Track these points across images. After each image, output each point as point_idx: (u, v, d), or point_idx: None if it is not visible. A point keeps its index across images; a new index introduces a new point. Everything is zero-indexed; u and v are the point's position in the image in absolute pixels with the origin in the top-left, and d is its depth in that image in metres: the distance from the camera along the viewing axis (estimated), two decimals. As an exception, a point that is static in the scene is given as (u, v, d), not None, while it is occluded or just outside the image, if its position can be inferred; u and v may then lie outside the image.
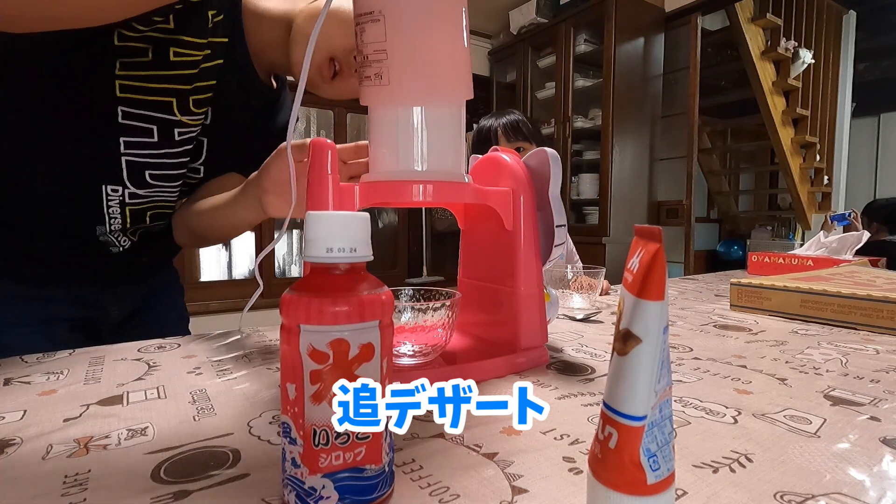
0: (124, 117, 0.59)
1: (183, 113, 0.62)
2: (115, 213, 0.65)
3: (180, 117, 0.62)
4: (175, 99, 0.61)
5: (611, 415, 0.21)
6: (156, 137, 0.62)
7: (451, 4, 0.40)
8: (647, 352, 0.20)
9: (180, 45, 0.58)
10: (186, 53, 0.59)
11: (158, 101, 0.60)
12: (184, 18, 0.57)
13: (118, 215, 0.66)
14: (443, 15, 0.40)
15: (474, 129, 1.30)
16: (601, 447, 0.22)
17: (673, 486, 0.22)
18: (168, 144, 0.63)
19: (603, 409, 0.22)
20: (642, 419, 0.20)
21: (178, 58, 0.59)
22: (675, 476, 0.22)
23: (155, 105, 0.60)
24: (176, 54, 0.58)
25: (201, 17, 0.59)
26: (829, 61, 3.54)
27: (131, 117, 0.60)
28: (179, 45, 0.58)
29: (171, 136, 0.63)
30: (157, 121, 0.61)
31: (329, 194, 0.41)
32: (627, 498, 0.21)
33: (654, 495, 0.21)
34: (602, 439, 0.22)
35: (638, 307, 0.20)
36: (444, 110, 0.42)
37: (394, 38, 0.38)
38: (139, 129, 0.61)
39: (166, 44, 0.57)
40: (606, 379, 0.22)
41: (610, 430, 0.21)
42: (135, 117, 0.60)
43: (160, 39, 0.57)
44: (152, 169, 0.64)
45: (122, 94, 0.58)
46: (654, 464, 0.21)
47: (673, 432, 0.25)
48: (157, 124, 0.61)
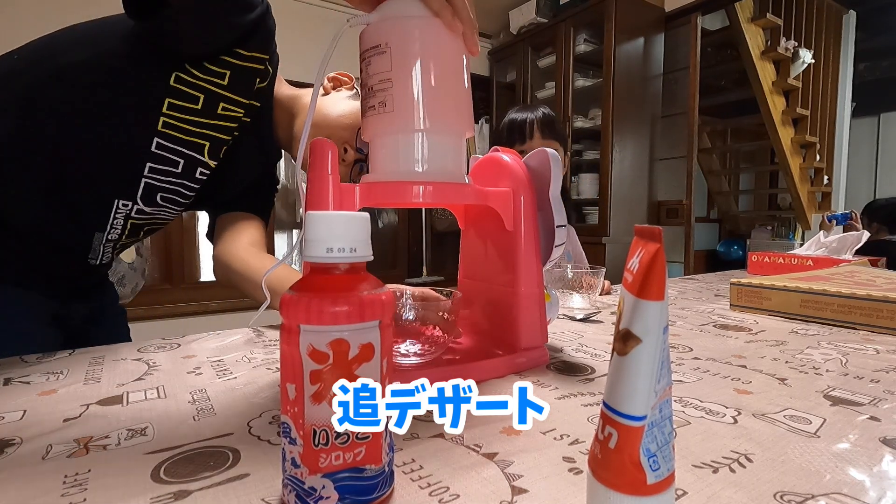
0: (157, 147, 0.63)
1: (211, 157, 0.67)
2: (118, 225, 0.68)
3: (207, 160, 0.67)
4: (209, 143, 0.66)
5: (611, 415, 0.21)
6: (180, 169, 0.66)
7: (453, 42, 0.42)
8: (647, 352, 0.20)
9: (228, 102, 0.64)
10: (232, 109, 0.65)
11: (194, 142, 0.65)
12: (236, 79, 0.63)
13: (119, 227, 0.69)
14: (445, 46, 0.41)
15: (504, 121, 1.20)
16: (601, 447, 0.22)
17: (673, 486, 0.22)
18: (188, 178, 0.68)
19: (603, 409, 0.22)
20: (642, 419, 0.20)
21: (225, 111, 0.65)
22: (675, 476, 0.22)
23: (189, 144, 0.64)
24: (224, 108, 0.64)
25: (249, 80, 0.65)
26: (829, 61, 3.54)
27: (164, 149, 0.63)
28: (228, 101, 0.64)
29: (193, 172, 0.68)
30: (185, 157, 0.65)
31: (329, 194, 0.41)
32: (627, 498, 0.21)
33: (654, 495, 0.21)
34: (602, 439, 0.22)
35: (638, 307, 0.21)
36: (446, 137, 0.43)
37: (399, 67, 0.40)
38: (167, 159, 0.64)
39: (217, 98, 0.63)
40: (606, 379, 0.22)
41: (610, 430, 0.21)
42: (167, 150, 0.63)
43: (213, 92, 0.62)
44: (165, 193, 0.68)
45: (163, 129, 0.62)
46: (654, 464, 0.21)
47: (673, 432, 0.25)
48: (184, 159, 0.65)
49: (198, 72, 0.60)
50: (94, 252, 0.70)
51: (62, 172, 0.61)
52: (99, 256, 0.71)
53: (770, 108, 3.21)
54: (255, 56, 0.63)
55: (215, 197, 0.77)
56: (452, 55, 0.42)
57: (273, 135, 0.75)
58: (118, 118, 0.60)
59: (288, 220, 2.94)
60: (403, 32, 0.40)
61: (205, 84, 0.61)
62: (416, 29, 0.40)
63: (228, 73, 0.62)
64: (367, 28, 0.42)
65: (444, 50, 0.42)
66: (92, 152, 0.61)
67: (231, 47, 0.61)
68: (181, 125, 0.62)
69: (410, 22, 0.40)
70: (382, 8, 0.41)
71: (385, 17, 0.41)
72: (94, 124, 0.60)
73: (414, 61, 0.40)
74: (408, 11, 0.40)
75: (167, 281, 2.48)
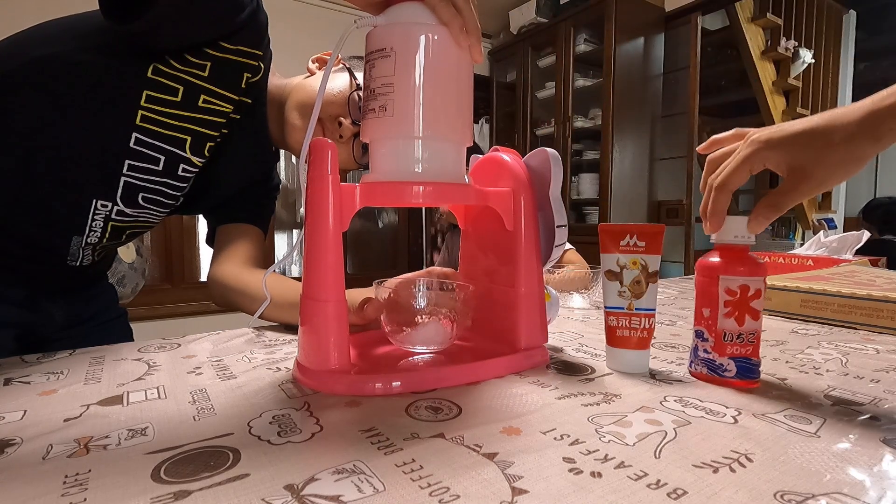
0: (136, 143, 0.60)
1: (194, 153, 0.65)
2: (97, 227, 0.66)
3: (190, 156, 0.65)
4: (190, 138, 0.63)
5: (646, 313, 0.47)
6: (160, 167, 0.64)
7: (458, 52, 0.42)
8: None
9: (211, 95, 0.62)
10: (216, 103, 0.63)
11: (174, 137, 0.62)
12: (218, 71, 0.61)
13: (99, 229, 0.66)
14: (450, 56, 0.42)
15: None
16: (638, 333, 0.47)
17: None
18: (170, 175, 0.65)
19: (638, 313, 0.46)
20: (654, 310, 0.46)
21: (208, 105, 0.62)
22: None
23: (169, 139, 0.62)
24: (205, 101, 0.62)
25: (234, 74, 0.63)
26: (829, 61, 3.54)
27: (143, 144, 0.61)
28: (210, 94, 0.62)
29: (175, 170, 0.65)
30: (166, 153, 0.63)
31: (329, 194, 0.41)
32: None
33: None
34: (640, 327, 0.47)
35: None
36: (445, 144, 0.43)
37: (402, 72, 0.40)
38: (147, 156, 0.62)
39: (198, 90, 0.60)
40: (638, 299, 0.46)
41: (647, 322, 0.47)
42: (146, 145, 0.61)
43: (193, 84, 0.60)
44: (147, 193, 0.65)
45: (141, 123, 0.59)
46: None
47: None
48: (165, 156, 0.63)
49: (177, 63, 0.58)
50: (73, 256, 0.67)
51: (34, 172, 0.59)
52: (79, 259, 0.68)
53: (770, 108, 3.21)
54: (240, 49, 0.61)
55: (208, 198, 0.75)
56: (456, 65, 0.43)
57: (267, 132, 0.74)
58: (94, 113, 0.58)
59: (288, 220, 2.94)
60: (410, 39, 0.41)
61: (184, 76, 0.59)
62: (423, 36, 0.40)
63: (209, 64, 0.60)
64: (374, 31, 0.42)
65: (448, 60, 0.42)
66: (66, 150, 0.59)
67: (215, 41, 0.59)
68: (160, 118, 0.60)
69: (418, 29, 0.40)
70: (391, 12, 0.41)
71: (393, 21, 0.41)
72: (69, 120, 0.58)
73: (417, 68, 0.40)
74: (416, 18, 0.40)
75: (167, 281, 2.48)
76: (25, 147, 0.58)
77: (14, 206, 0.61)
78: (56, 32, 0.59)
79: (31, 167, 0.59)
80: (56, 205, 0.62)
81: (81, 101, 0.57)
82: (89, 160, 0.60)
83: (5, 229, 0.62)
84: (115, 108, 0.58)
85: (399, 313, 0.49)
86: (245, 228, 0.77)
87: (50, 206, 0.62)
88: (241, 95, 0.65)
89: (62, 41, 0.57)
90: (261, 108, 0.71)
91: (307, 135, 0.42)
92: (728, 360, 0.43)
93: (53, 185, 0.60)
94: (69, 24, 0.60)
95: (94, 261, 0.72)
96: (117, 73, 0.57)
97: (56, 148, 0.59)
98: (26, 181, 0.60)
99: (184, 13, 0.54)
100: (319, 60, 0.76)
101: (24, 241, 0.64)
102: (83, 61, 0.57)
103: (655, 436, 0.33)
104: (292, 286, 0.64)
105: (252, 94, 0.68)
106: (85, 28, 0.58)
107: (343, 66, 0.74)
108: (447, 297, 0.51)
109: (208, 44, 0.59)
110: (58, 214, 0.63)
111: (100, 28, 0.57)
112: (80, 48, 0.57)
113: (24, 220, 0.62)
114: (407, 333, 0.49)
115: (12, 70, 0.57)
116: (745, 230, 0.44)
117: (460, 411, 0.38)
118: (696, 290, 0.45)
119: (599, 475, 0.28)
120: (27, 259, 0.65)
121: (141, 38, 0.55)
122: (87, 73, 0.57)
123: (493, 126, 3.31)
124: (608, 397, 0.40)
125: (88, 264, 0.71)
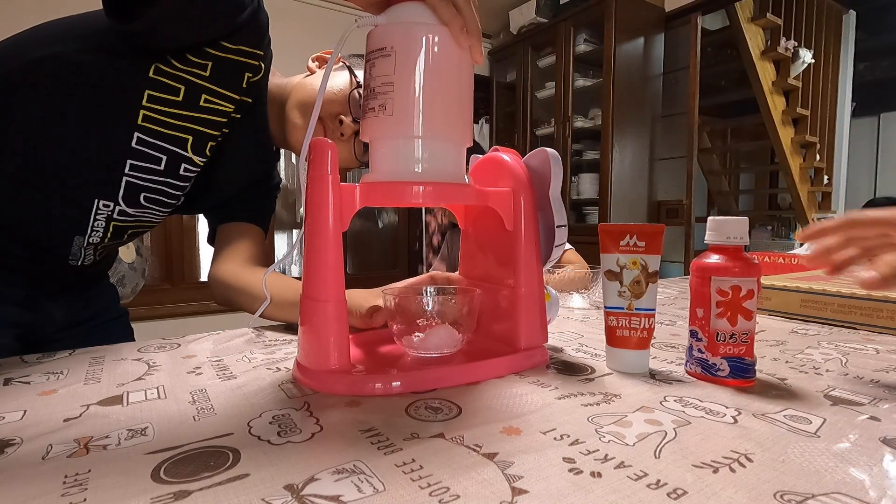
0: (138, 143, 0.61)
1: (195, 153, 0.65)
2: (99, 227, 0.66)
3: (191, 155, 0.65)
4: (192, 137, 0.63)
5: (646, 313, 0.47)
6: (162, 166, 0.64)
7: (458, 53, 0.42)
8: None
9: (212, 94, 0.62)
10: (217, 103, 0.63)
11: (176, 137, 0.62)
12: (219, 71, 0.61)
13: (101, 229, 0.66)
14: (450, 56, 0.42)
15: None
16: (638, 333, 0.47)
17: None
18: (172, 175, 0.65)
19: (638, 313, 0.47)
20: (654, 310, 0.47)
21: (209, 104, 0.62)
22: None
23: (171, 139, 0.62)
24: (207, 101, 0.62)
25: (235, 73, 0.63)
26: (829, 61, 3.53)
27: (144, 144, 0.61)
28: (211, 93, 0.62)
29: (177, 169, 0.65)
30: (168, 152, 0.63)
31: (329, 194, 0.41)
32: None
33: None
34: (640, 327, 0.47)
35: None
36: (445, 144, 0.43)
37: (402, 72, 0.40)
38: (149, 155, 0.62)
39: (199, 89, 0.61)
40: (638, 299, 0.47)
41: (647, 322, 0.47)
42: (148, 145, 0.61)
43: (194, 84, 0.60)
44: (149, 192, 0.66)
45: (143, 123, 0.60)
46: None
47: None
48: (167, 155, 0.63)
49: (178, 63, 0.58)
50: (75, 255, 0.67)
51: (36, 173, 0.59)
52: (80, 259, 0.68)
53: (770, 108, 3.21)
54: (241, 49, 0.62)
55: (209, 197, 0.75)
56: (457, 65, 0.43)
57: (268, 132, 0.74)
58: (96, 113, 0.58)
59: (288, 220, 2.94)
60: (410, 38, 0.41)
61: (185, 75, 0.59)
62: (423, 36, 0.40)
63: (210, 64, 0.60)
64: (375, 30, 0.42)
65: (448, 60, 0.42)
66: (68, 150, 0.59)
67: (216, 40, 0.59)
68: (162, 118, 0.60)
69: (418, 29, 0.40)
70: (392, 11, 0.41)
71: (394, 21, 0.41)
72: (70, 120, 0.58)
73: (418, 68, 0.40)
74: (417, 18, 0.40)
75: (167, 281, 2.48)
76: (27, 148, 0.58)
77: (15, 207, 0.61)
78: (57, 33, 0.59)
79: (33, 168, 0.59)
80: (57, 205, 0.62)
81: (83, 102, 0.58)
82: (91, 160, 0.60)
83: (6, 229, 0.62)
84: (117, 109, 0.58)
85: (409, 320, 0.49)
86: (246, 227, 0.77)
87: (51, 207, 0.62)
88: (243, 95, 0.66)
89: (63, 41, 0.58)
90: (261, 108, 0.72)
91: (308, 133, 0.42)
92: (721, 360, 0.43)
93: (55, 185, 0.60)
94: (70, 24, 0.60)
95: (95, 260, 0.72)
96: (119, 73, 0.57)
97: (58, 148, 0.59)
98: (28, 182, 0.60)
99: (185, 13, 0.54)
100: (319, 59, 0.76)
101: (26, 241, 0.64)
102: (84, 61, 0.57)
103: (655, 436, 0.33)
104: (293, 285, 0.64)
105: (253, 93, 0.68)
106: (86, 28, 0.58)
107: (343, 65, 0.74)
108: (455, 301, 0.51)
109: (209, 43, 0.59)
110: (59, 215, 0.63)
111: (101, 28, 0.57)
112: (81, 48, 0.57)
113: (25, 220, 0.62)
114: (419, 339, 0.49)
115: (13, 70, 0.57)
116: (740, 231, 0.43)
117: (460, 411, 0.38)
118: (691, 290, 0.45)
119: (599, 475, 0.28)
120: (28, 259, 0.65)
121: (142, 37, 0.55)
122: (89, 74, 0.57)
123: (493, 126, 3.31)
124: (608, 397, 0.40)
125: (90, 264, 0.71)
